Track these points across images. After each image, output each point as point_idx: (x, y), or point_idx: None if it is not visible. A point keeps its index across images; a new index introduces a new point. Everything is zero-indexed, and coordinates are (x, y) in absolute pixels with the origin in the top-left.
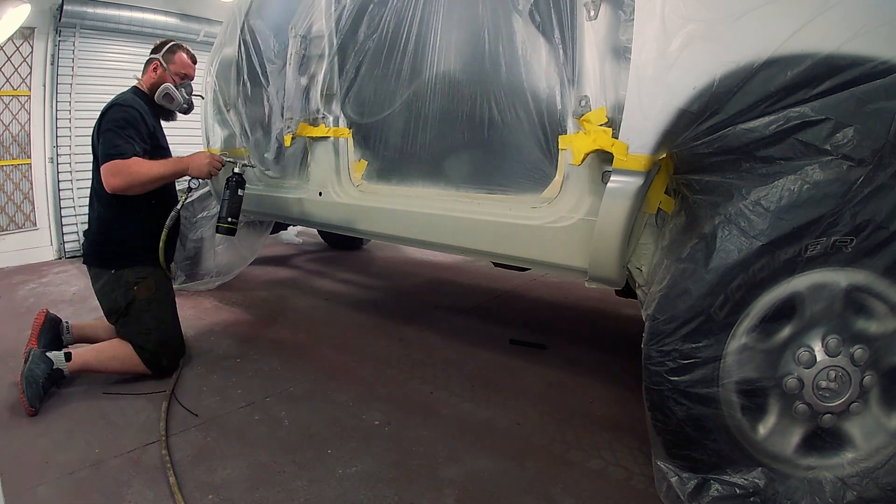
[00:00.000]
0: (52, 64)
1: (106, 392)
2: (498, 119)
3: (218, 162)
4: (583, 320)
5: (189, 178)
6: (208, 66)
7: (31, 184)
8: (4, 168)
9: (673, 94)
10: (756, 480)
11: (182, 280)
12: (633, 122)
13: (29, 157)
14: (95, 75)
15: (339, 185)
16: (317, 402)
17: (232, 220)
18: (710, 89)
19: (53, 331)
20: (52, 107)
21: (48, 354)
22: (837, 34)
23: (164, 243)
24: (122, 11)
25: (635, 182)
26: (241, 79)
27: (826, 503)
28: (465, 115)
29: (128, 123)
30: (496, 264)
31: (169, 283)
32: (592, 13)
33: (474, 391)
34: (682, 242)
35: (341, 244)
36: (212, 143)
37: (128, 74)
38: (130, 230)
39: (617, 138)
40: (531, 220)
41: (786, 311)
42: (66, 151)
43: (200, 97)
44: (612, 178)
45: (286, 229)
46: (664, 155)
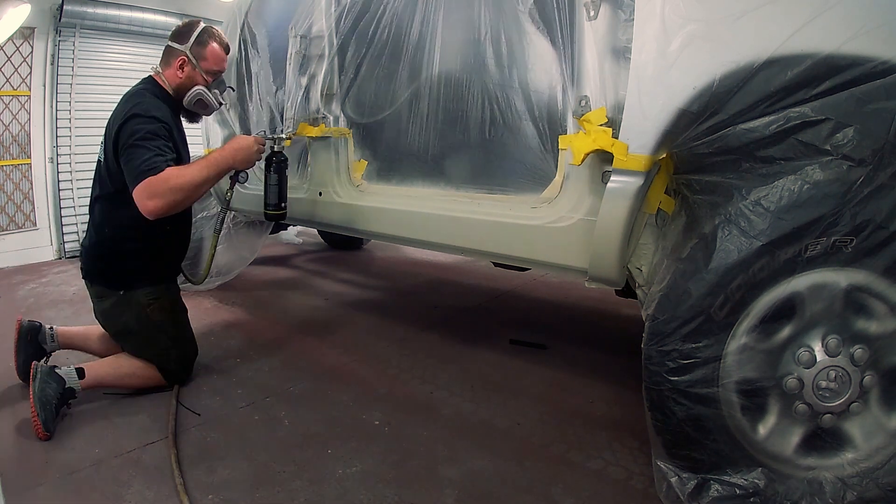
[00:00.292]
0: (52, 64)
1: (106, 392)
2: (498, 119)
3: (260, 145)
4: (583, 320)
5: (233, 172)
6: None
7: (31, 184)
8: (4, 168)
9: (673, 94)
10: (756, 481)
11: (182, 280)
12: (633, 122)
13: (29, 157)
14: (95, 75)
15: (340, 185)
16: (317, 402)
17: (284, 203)
18: (710, 89)
19: (33, 343)
20: (52, 107)
21: (58, 371)
22: (837, 34)
23: (213, 249)
24: (122, 11)
25: (635, 182)
26: (241, 78)
27: (826, 503)
28: (465, 114)
29: (154, 135)
30: (496, 264)
31: (179, 296)
32: (592, 13)
33: (474, 391)
34: (682, 242)
35: (341, 244)
36: (212, 143)
37: (128, 74)
38: (141, 248)
39: (617, 138)
40: (531, 220)
41: (786, 311)
42: (66, 151)
43: (232, 89)
44: (612, 178)
45: (286, 229)
46: (664, 155)
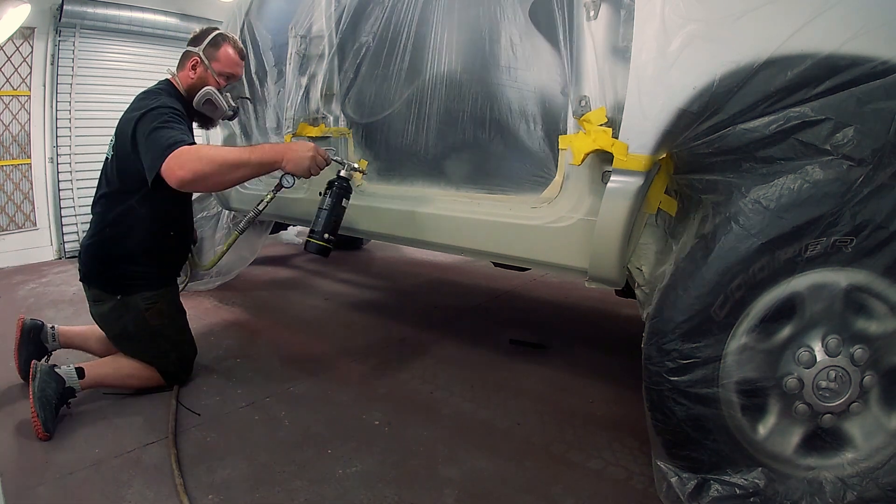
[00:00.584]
0: (52, 64)
1: (106, 392)
2: (498, 119)
3: (322, 159)
4: (583, 320)
5: (282, 175)
6: None
7: (31, 184)
8: (4, 168)
9: (673, 94)
10: (756, 480)
11: (181, 280)
12: (633, 122)
13: (29, 157)
14: (95, 75)
15: None
16: (317, 402)
17: (329, 237)
18: (710, 89)
19: (35, 341)
20: (52, 107)
21: (57, 371)
22: (837, 34)
23: (229, 245)
24: (122, 11)
25: (635, 182)
26: (241, 79)
27: (826, 503)
28: (465, 114)
29: (178, 121)
30: (496, 264)
31: (178, 298)
32: (592, 13)
33: (474, 391)
34: (682, 242)
35: (341, 244)
36: (212, 143)
37: (128, 74)
38: (141, 250)
39: (617, 138)
40: (531, 220)
41: (786, 311)
42: (66, 151)
43: (248, 99)
44: (612, 178)
45: (286, 229)
46: (664, 155)
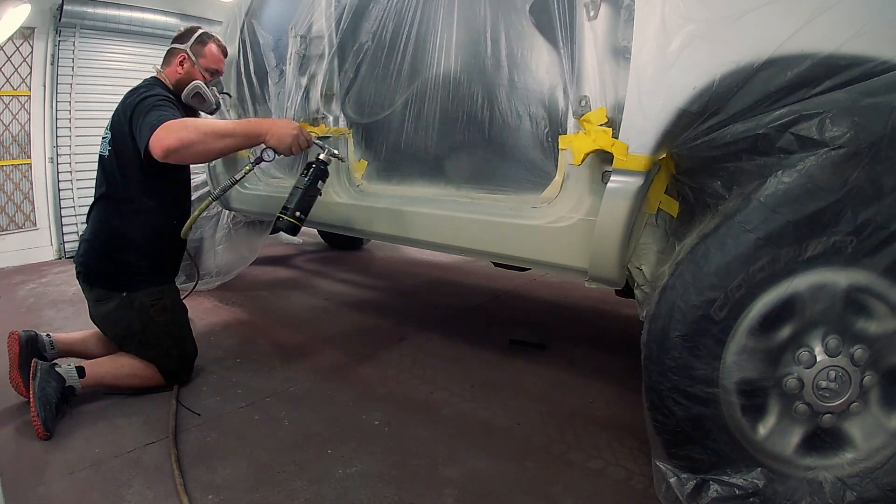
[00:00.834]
0: (52, 64)
1: (106, 392)
2: (498, 119)
3: (305, 139)
4: (583, 320)
5: (263, 148)
6: None
7: (31, 184)
8: (4, 168)
9: (673, 94)
10: (756, 481)
11: (182, 280)
12: (633, 122)
13: (29, 157)
14: (95, 75)
15: (340, 185)
16: (317, 402)
17: (300, 215)
18: (710, 89)
19: (34, 354)
20: (52, 107)
21: (58, 370)
22: (837, 34)
23: (202, 211)
24: (122, 11)
25: (635, 182)
26: (241, 79)
27: (826, 503)
28: (465, 114)
29: (171, 106)
30: (496, 264)
31: (179, 295)
32: (592, 13)
33: (474, 391)
34: (682, 242)
35: (341, 244)
36: None
37: (128, 74)
38: (144, 244)
39: (617, 138)
40: (531, 220)
41: (786, 311)
42: (66, 151)
43: (228, 95)
44: (612, 178)
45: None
46: (664, 155)
